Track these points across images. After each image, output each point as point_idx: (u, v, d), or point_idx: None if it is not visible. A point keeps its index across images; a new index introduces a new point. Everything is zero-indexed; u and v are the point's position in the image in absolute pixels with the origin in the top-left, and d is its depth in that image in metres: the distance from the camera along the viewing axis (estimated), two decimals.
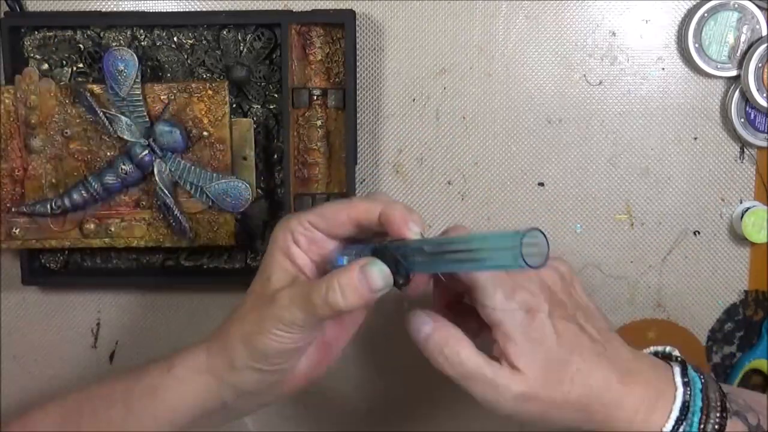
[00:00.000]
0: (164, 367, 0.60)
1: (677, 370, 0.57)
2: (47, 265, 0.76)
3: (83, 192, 0.70)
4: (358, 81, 0.72)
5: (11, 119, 0.70)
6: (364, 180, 0.75)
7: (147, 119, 0.69)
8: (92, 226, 0.71)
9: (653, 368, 0.57)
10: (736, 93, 0.71)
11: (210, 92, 0.69)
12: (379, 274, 0.53)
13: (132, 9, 0.73)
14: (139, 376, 0.61)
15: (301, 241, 0.57)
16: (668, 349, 0.61)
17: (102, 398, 0.62)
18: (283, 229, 0.57)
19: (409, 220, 0.54)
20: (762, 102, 0.70)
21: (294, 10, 0.71)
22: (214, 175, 0.70)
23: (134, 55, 0.68)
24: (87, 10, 0.73)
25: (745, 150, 0.73)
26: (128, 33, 0.72)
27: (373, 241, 0.58)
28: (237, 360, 0.57)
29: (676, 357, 0.60)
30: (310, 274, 0.58)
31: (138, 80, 0.68)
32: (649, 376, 0.57)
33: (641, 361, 0.58)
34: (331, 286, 0.53)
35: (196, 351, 0.60)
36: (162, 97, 0.69)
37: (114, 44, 0.72)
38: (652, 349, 0.61)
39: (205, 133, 0.70)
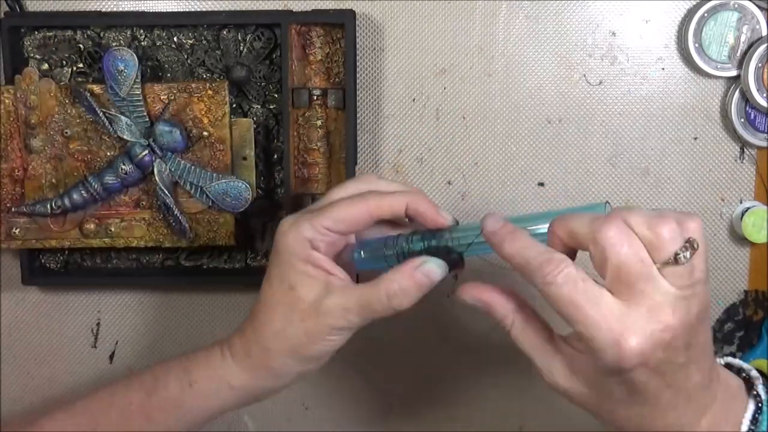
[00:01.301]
0: (184, 380, 0.60)
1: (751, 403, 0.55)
2: (47, 265, 0.76)
3: (83, 192, 0.70)
4: (358, 81, 0.72)
5: (11, 119, 0.70)
6: None
7: (147, 119, 0.69)
8: (92, 226, 0.71)
9: (729, 397, 0.55)
10: (736, 93, 0.71)
11: (210, 92, 0.69)
12: (438, 269, 0.55)
13: (132, 9, 0.73)
14: (155, 387, 0.61)
15: (321, 247, 0.57)
16: (743, 364, 0.58)
17: (119, 410, 0.61)
18: (299, 238, 0.56)
19: (436, 214, 0.56)
20: (762, 102, 0.70)
21: (294, 10, 0.71)
22: (214, 175, 0.70)
23: (134, 55, 0.68)
24: (87, 10, 0.73)
25: (745, 150, 0.73)
26: (128, 33, 0.72)
27: (382, 228, 0.59)
28: (283, 370, 0.59)
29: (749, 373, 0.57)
30: (340, 274, 0.57)
31: (138, 80, 0.68)
32: (721, 407, 0.54)
33: (720, 391, 0.55)
34: (392, 293, 0.55)
35: (218, 363, 0.60)
36: (162, 97, 0.69)
37: (114, 44, 0.72)
38: (726, 361, 0.58)
39: (205, 133, 0.70)
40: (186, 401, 0.60)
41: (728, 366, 0.58)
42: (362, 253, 0.59)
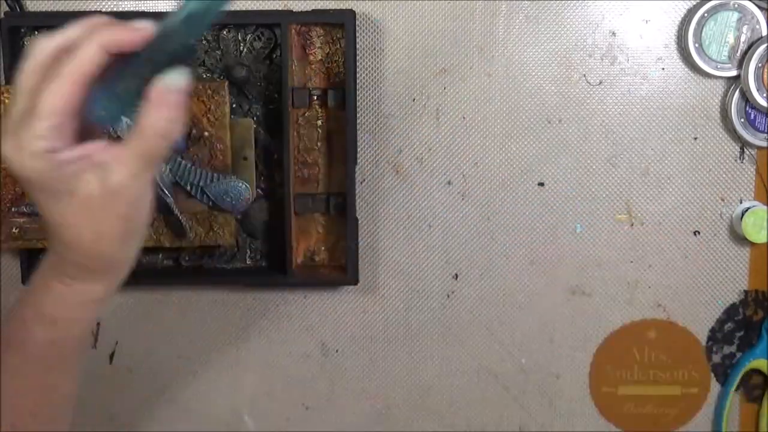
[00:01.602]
0: (46, 323, 0.56)
1: None
2: None
3: None
4: (358, 81, 0.72)
5: None
6: (364, 180, 0.75)
7: None
8: None
9: None
10: (736, 93, 0.71)
11: (210, 92, 0.69)
12: (182, 77, 0.51)
13: (132, 9, 0.73)
14: (23, 338, 0.56)
15: (61, 145, 0.50)
16: None
17: (10, 373, 0.57)
18: (37, 160, 0.49)
19: (131, 31, 0.51)
20: (762, 102, 0.70)
21: (294, 10, 0.71)
22: (214, 175, 0.70)
23: None
24: (87, 10, 0.73)
25: (745, 150, 0.73)
26: None
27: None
28: (135, 252, 0.56)
29: None
30: (96, 145, 0.52)
31: None
32: None
33: None
34: (164, 131, 0.51)
35: (74, 293, 0.55)
36: None
37: None
38: None
39: (205, 133, 0.70)
40: (53, 336, 0.56)
41: None
42: (98, 110, 0.51)
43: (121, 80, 0.51)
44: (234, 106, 0.72)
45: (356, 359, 0.78)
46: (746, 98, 0.71)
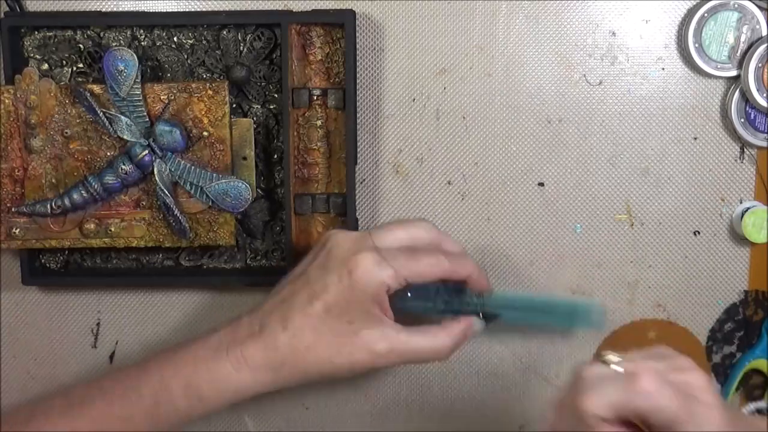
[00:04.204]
0: (191, 396, 0.60)
1: None
2: (47, 265, 0.76)
3: (83, 192, 0.70)
4: (358, 81, 0.72)
5: (11, 119, 0.70)
6: (364, 180, 0.75)
7: (147, 119, 0.69)
8: (92, 226, 0.71)
9: None
10: (736, 93, 0.71)
11: (210, 92, 0.69)
12: (479, 329, 0.65)
13: (132, 9, 0.73)
14: (157, 403, 0.60)
15: (391, 291, 0.60)
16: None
17: (122, 421, 0.61)
18: (382, 284, 0.59)
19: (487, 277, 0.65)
20: (762, 102, 0.70)
21: (294, 10, 0.71)
22: (214, 175, 0.70)
23: (134, 55, 0.68)
24: (87, 10, 0.73)
25: (745, 150, 0.73)
26: (128, 33, 0.72)
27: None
28: (304, 384, 0.61)
29: None
30: (391, 315, 0.61)
31: (138, 80, 0.68)
32: None
33: None
34: (437, 350, 0.61)
35: (231, 376, 0.60)
36: (162, 97, 0.69)
37: (114, 44, 0.72)
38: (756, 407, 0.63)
39: (205, 133, 0.70)
40: (195, 412, 0.61)
41: (758, 412, 0.60)
42: (410, 294, 0.62)
43: (448, 298, 0.64)
44: (234, 106, 0.72)
45: None
46: (746, 98, 0.71)
